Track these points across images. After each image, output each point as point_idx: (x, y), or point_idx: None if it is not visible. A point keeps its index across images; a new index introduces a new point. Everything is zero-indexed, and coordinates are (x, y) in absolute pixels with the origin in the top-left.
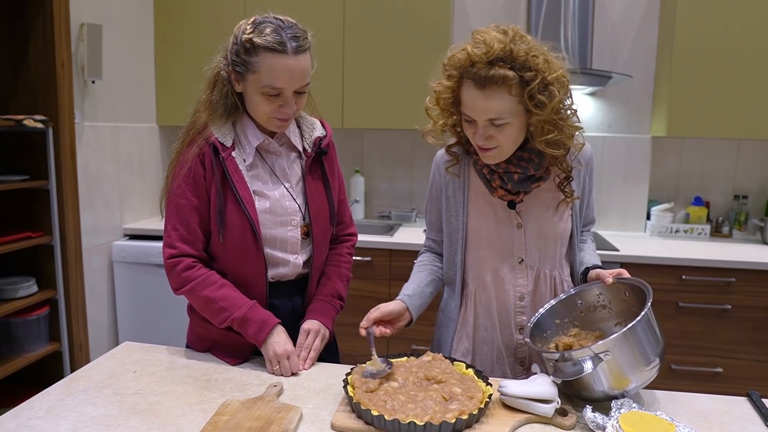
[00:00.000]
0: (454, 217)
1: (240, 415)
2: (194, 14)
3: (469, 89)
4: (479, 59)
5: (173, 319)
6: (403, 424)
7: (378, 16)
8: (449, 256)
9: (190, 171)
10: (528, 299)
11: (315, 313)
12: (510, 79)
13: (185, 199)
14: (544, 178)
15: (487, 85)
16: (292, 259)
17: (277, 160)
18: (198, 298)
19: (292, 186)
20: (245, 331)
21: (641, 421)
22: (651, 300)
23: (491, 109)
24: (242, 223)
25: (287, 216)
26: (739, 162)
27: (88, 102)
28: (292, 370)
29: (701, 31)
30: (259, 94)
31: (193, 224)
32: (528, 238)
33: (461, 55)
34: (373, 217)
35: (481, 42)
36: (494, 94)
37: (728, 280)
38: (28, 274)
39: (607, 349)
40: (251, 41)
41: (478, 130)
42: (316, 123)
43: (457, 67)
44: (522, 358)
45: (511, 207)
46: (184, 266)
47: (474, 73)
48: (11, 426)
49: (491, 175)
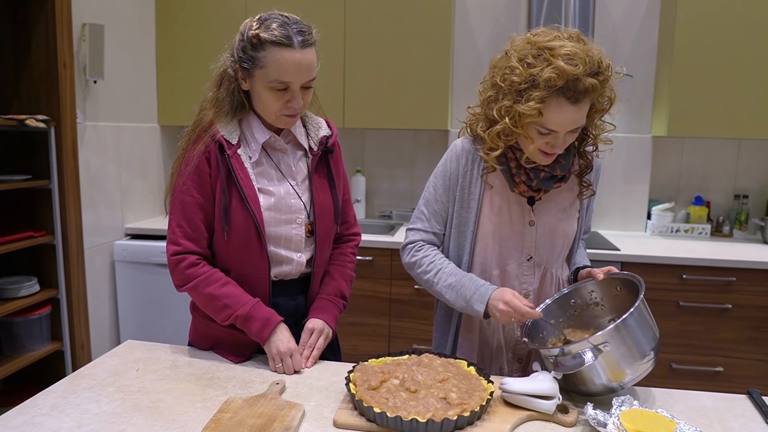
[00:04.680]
0: (466, 210)
1: (243, 413)
2: (195, 14)
3: (561, 106)
4: (576, 77)
5: (174, 318)
6: (405, 422)
7: (379, 16)
8: (455, 249)
9: (195, 168)
10: (533, 297)
11: (318, 311)
12: (598, 88)
13: (190, 196)
14: (566, 179)
15: (581, 98)
16: (296, 257)
17: (283, 157)
18: (201, 295)
19: (298, 184)
20: (248, 328)
21: (642, 418)
22: (643, 292)
23: (580, 119)
24: (246, 221)
25: (292, 214)
26: (740, 161)
27: (90, 102)
28: (294, 368)
29: (701, 31)
30: (267, 90)
31: (197, 221)
32: (539, 236)
33: (552, 74)
34: (374, 217)
35: (573, 57)
36: (584, 105)
37: (729, 279)
38: (29, 273)
39: (606, 340)
40: (258, 36)
41: (557, 140)
42: (321, 122)
43: (547, 87)
44: (521, 355)
45: (530, 203)
46: (188, 263)
47: (570, 91)
48: (16, 423)
49: (518, 170)
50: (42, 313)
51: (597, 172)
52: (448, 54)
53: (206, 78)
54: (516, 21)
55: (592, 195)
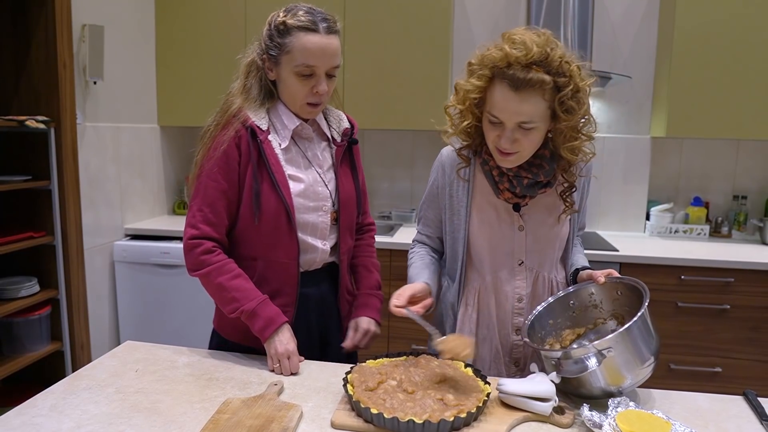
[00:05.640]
0: (456, 216)
1: (241, 413)
2: (195, 15)
3: (503, 90)
4: (517, 60)
5: (174, 318)
6: (402, 423)
7: (378, 16)
8: (451, 254)
9: (224, 154)
10: (526, 301)
11: (365, 308)
12: (546, 83)
13: (215, 181)
14: (551, 184)
15: (523, 88)
16: (321, 245)
17: (309, 145)
18: (211, 283)
19: (324, 172)
20: (252, 324)
21: (638, 420)
22: (648, 299)
23: (524, 112)
24: (277, 206)
25: (319, 201)
26: (739, 162)
27: (90, 102)
28: (291, 371)
29: (701, 32)
30: (293, 76)
31: (219, 207)
32: (529, 240)
33: (497, 55)
34: (374, 217)
35: (520, 43)
36: (529, 97)
37: (727, 280)
38: (29, 273)
39: (610, 346)
40: (285, 23)
41: (504, 133)
42: (342, 115)
43: (490, 67)
44: (517, 358)
45: (516, 210)
46: (204, 249)
47: (510, 75)
48: (15, 424)
49: (500, 177)
50: (42, 313)
51: (589, 171)
52: (448, 54)
53: (206, 78)
54: (515, 22)
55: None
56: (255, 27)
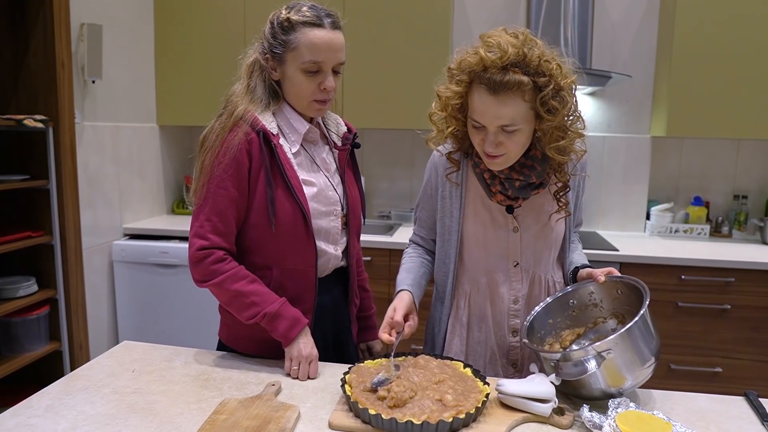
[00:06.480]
0: (448, 218)
1: (238, 414)
2: (194, 14)
3: (481, 95)
4: (493, 64)
5: (173, 318)
6: (401, 423)
7: (378, 16)
8: (442, 257)
9: (234, 161)
10: (522, 302)
11: (374, 330)
12: (524, 84)
13: (225, 189)
14: (544, 185)
15: (501, 91)
16: (332, 250)
17: (316, 149)
18: (227, 291)
19: (331, 176)
20: (275, 326)
21: (638, 421)
22: (648, 299)
23: (504, 115)
24: (294, 212)
25: (330, 206)
26: (739, 162)
27: (88, 102)
28: (310, 375)
29: (701, 31)
30: (300, 73)
31: (228, 216)
32: (524, 241)
33: (472, 59)
34: (373, 217)
35: (495, 46)
36: (508, 99)
37: (728, 280)
38: (28, 273)
39: (610, 348)
40: (289, 19)
41: (487, 137)
42: (339, 119)
43: (467, 72)
44: (514, 360)
45: (509, 212)
46: (215, 258)
47: (487, 78)
48: (10, 425)
49: (492, 180)
50: (40, 313)
51: (584, 168)
52: (448, 54)
53: (205, 78)
54: (515, 22)
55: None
56: (254, 26)
